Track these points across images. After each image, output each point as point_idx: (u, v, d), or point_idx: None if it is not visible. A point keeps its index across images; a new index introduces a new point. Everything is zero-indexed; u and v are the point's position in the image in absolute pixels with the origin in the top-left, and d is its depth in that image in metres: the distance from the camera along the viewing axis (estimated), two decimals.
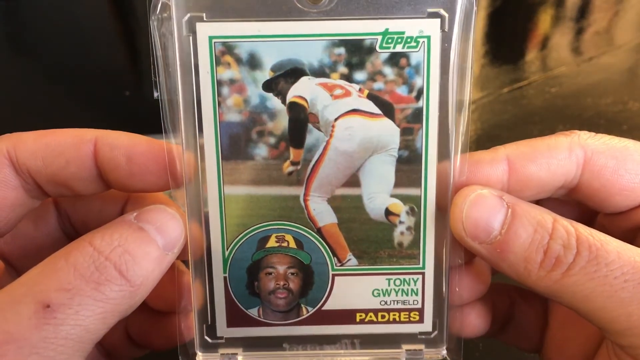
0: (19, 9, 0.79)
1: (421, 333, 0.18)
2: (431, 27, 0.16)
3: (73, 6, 0.81)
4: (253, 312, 0.18)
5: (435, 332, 0.18)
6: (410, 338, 0.18)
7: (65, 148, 0.17)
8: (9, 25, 0.76)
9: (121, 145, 0.17)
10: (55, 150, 0.17)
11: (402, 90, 0.16)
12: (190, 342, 0.18)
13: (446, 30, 0.16)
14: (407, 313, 0.18)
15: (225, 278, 0.17)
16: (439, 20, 0.15)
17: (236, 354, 0.17)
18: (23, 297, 0.13)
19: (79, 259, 0.14)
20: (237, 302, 0.17)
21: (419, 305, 0.18)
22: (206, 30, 0.15)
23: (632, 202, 0.18)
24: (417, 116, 0.16)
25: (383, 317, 0.18)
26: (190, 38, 0.15)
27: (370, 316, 0.18)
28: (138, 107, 0.53)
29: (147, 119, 0.58)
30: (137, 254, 0.14)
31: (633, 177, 0.18)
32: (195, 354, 0.17)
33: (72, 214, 0.20)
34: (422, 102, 0.16)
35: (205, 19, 0.15)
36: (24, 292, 0.13)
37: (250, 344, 0.17)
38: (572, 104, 0.55)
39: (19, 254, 0.18)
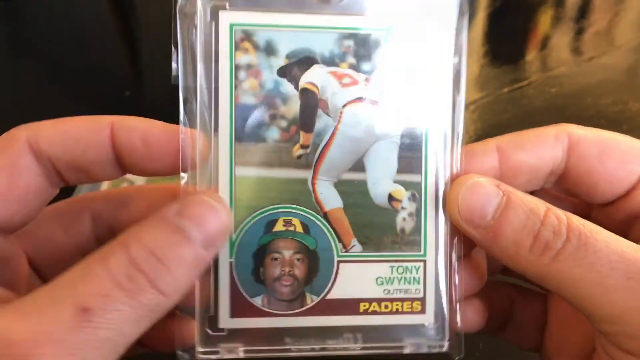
0: (18, 8, 0.79)
1: (423, 326, 0.18)
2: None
3: (73, 6, 0.81)
4: (257, 300, 0.17)
5: (437, 325, 0.18)
6: (413, 330, 0.18)
7: (83, 133, 0.17)
8: (8, 25, 0.76)
9: (137, 129, 0.18)
10: (74, 136, 0.17)
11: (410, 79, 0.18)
12: (190, 337, 0.17)
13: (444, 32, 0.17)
14: (410, 303, 0.18)
15: (231, 264, 0.17)
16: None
17: (237, 347, 0.17)
18: (62, 299, 0.13)
19: (114, 266, 0.14)
20: (241, 290, 0.17)
21: (421, 295, 0.18)
22: (228, 17, 0.16)
23: (618, 189, 0.18)
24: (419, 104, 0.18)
25: (386, 307, 0.18)
26: (213, 24, 0.16)
27: (374, 306, 0.18)
28: (138, 107, 0.53)
29: (147, 118, 0.58)
30: (171, 262, 0.14)
31: (618, 164, 0.18)
32: (194, 349, 0.17)
33: (109, 219, 0.20)
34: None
35: (227, 7, 0.16)
36: (62, 294, 0.13)
37: (252, 337, 0.17)
38: (572, 104, 0.55)
39: (47, 261, 0.18)
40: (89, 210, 0.20)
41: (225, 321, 0.17)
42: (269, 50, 0.17)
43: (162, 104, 0.59)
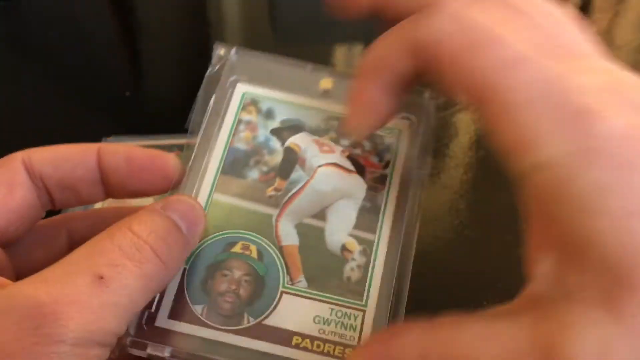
0: (19, 8, 0.79)
1: None
2: (402, 125, 0.21)
3: (73, 6, 0.81)
4: (197, 309, 0.18)
5: None
6: None
7: (73, 154, 0.20)
8: (8, 24, 0.76)
9: (121, 151, 0.20)
10: (64, 156, 0.20)
11: (374, 159, 0.21)
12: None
13: (414, 127, 0.21)
14: (342, 348, 0.18)
15: (184, 270, 0.19)
16: (408, 122, 0.22)
17: (165, 348, 0.18)
18: (79, 269, 0.15)
19: (122, 241, 0.16)
20: (186, 295, 0.19)
21: (355, 342, 0.18)
22: (242, 88, 0.22)
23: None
24: (382, 180, 0.21)
25: (318, 346, 0.18)
26: (229, 91, 0.21)
27: (306, 342, 0.18)
28: (138, 107, 0.53)
29: (147, 118, 0.59)
30: (168, 239, 0.17)
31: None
32: (126, 336, 0.18)
33: (86, 238, 0.21)
34: (388, 171, 0.21)
35: (245, 81, 0.22)
36: (79, 266, 0.16)
37: (183, 342, 0.18)
38: None
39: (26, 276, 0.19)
40: (66, 229, 0.21)
41: (162, 321, 0.18)
42: (268, 115, 0.21)
43: (162, 104, 0.59)
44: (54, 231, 0.21)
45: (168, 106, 0.54)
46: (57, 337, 0.14)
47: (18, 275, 0.19)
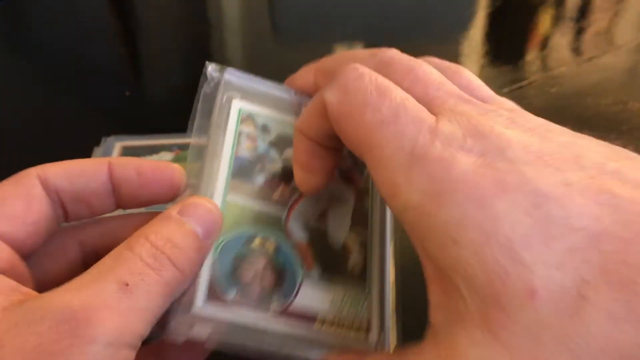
0: (19, 9, 0.79)
1: (369, 341, 0.22)
2: None
3: (73, 6, 0.81)
4: (230, 295, 0.20)
5: (380, 342, 0.22)
6: (359, 344, 0.21)
7: (86, 169, 0.20)
8: (8, 25, 0.76)
9: (131, 163, 0.21)
10: (78, 171, 0.20)
11: (357, 174, 0.24)
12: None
13: None
14: (359, 324, 0.22)
15: (214, 262, 0.20)
16: None
17: (205, 330, 0.19)
18: (105, 278, 0.17)
19: (142, 251, 0.17)
20: (217, 285, 0.20)
21: (365, 324, 0.22)
22: (238, 104, 0.23)
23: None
24: (365, 189, 0.24)
25: (337, 325, 0.21)
26: (227, 106, 0.23)
27: (327, 324, 0.21)
28: (138, 107, 0.54)
29: (147, 118, 0.59)
30: (183, 247, 0.18)
31: None
32: (167, 328, 0.19)
33: (96, 246, 0.22)
34: (369, 182, 0.24)
35: (238, 98, 0.23)
36: (105, 275, 0.17)
37: (218, 326, 0.20)
38: (572, 104, 0.55)
39: (40, 286, 0.20)
40: (77, 239, 0.22)
41: (199, 309, 0.20)
42: (264, 129, 0.23)
43: (162, 104, 0.59)
44: (67, 241, 0.22)
45: (168, 106, 0.55)
46: (91, 338, 0.15)
47: (36, 285, 0.20)
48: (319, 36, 0.73)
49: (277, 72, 0.25)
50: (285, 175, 0.23)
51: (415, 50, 0.21)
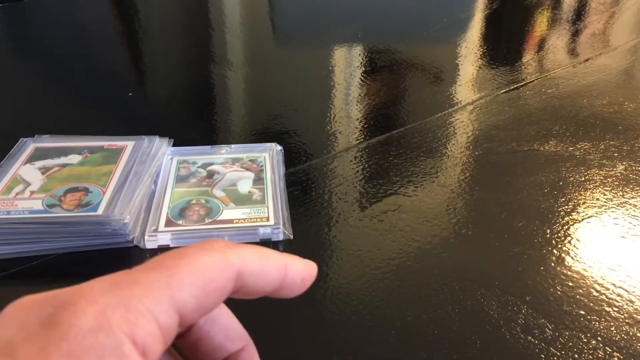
0: (23, 10, 0.80)
1: (270, 225, 0.39)
2: (267, 153, 0.47)
3: (77, 9, 0.82)
4: (179, 222, 0.39)
5: (277, 226, 0.39)
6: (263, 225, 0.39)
7: (215, 287, 0.17)
8: (14, 26, 0.77)
9: (298, 272, 0.19)
10: (207, 288, 0.17)
11: (254, 165, 0.45)
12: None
13: (272, 154, 0.47)
14: (262, 219, 0.39)
15: (168, 212, 0.40)
16: (269, 154, 0.47)
17: (167, 235, 0.38)
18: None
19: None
20: (171, 219, 0.39)
21: (267, 216, 0.40)
22: (176, 156, 0.46)
23: None
24: (261, 172, 0.44)
25: (250, 220, 0.39)
26: (170, 160, 0.45)
27: (241, 222, 0.39)
28: (140, 107, 0.54)
29: (148, 118, 0.59)
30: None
31: None
32: (144, 239, 0.37)
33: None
34: (264, 170, 0.45)
35: (177, 154, 0.46)
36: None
37: (174, 233, 0.38)
38: (568, 104, 0.55)
39: None
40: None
41: (162, 229, 0.38)
42: (193, 163, 0.45)
43: (162, 103, 0.59)
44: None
45: (169, 106, 0.55)
46: None
47: None
48: (319, 37, 0.74)
49: (277, 72, 0.25)
50: (210, 176, 0.43)
51: (415, 50, 0.22)
